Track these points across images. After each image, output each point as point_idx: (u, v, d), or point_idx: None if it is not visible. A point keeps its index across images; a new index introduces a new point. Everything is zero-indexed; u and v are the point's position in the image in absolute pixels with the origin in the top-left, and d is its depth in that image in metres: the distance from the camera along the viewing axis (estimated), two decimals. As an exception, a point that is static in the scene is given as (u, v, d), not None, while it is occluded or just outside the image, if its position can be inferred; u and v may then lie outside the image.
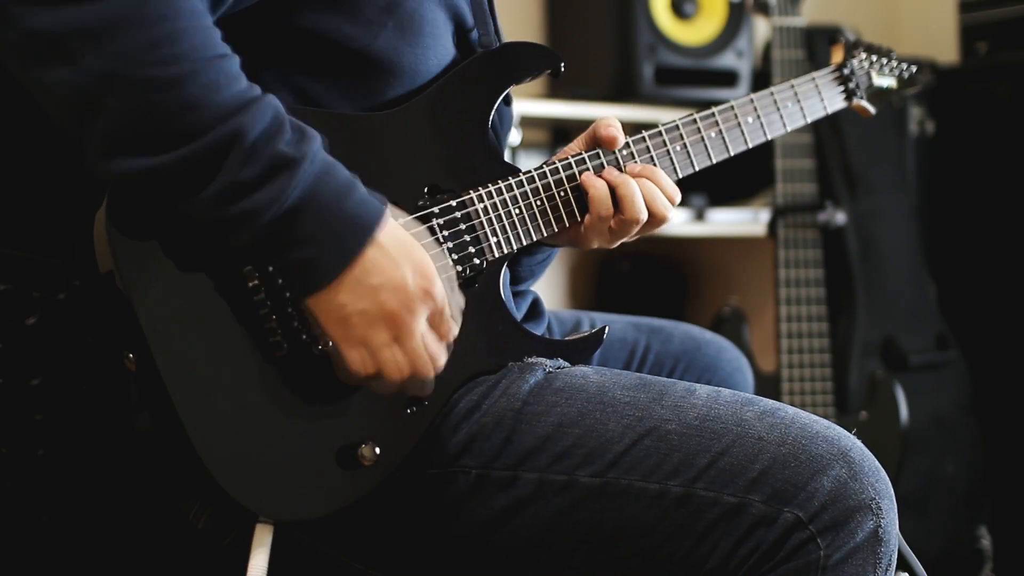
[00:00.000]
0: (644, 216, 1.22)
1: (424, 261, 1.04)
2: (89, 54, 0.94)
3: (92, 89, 0.95)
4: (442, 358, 1.07)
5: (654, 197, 1.23)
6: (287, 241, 1.00)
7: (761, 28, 2.76)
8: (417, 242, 1.06)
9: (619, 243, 1.27)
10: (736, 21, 2.59)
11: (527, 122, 2.53)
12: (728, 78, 2.60)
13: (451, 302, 1.08)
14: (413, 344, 1.04)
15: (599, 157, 1.26)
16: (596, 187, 1.22)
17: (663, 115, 2.54)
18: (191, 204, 0.99)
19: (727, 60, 2.59)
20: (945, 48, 2.99)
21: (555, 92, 2.58)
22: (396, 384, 1.05)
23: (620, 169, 1.25)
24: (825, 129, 2.57)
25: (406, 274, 1.03)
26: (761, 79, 2.64)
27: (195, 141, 0.96)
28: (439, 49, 1.19)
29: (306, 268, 1.01)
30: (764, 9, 2.44)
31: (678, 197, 1.26)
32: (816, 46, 2.52)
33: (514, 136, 2.28)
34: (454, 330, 1.09)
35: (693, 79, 2.57)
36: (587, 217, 1.23)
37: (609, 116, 1.27)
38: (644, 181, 1.23)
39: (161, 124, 0.96)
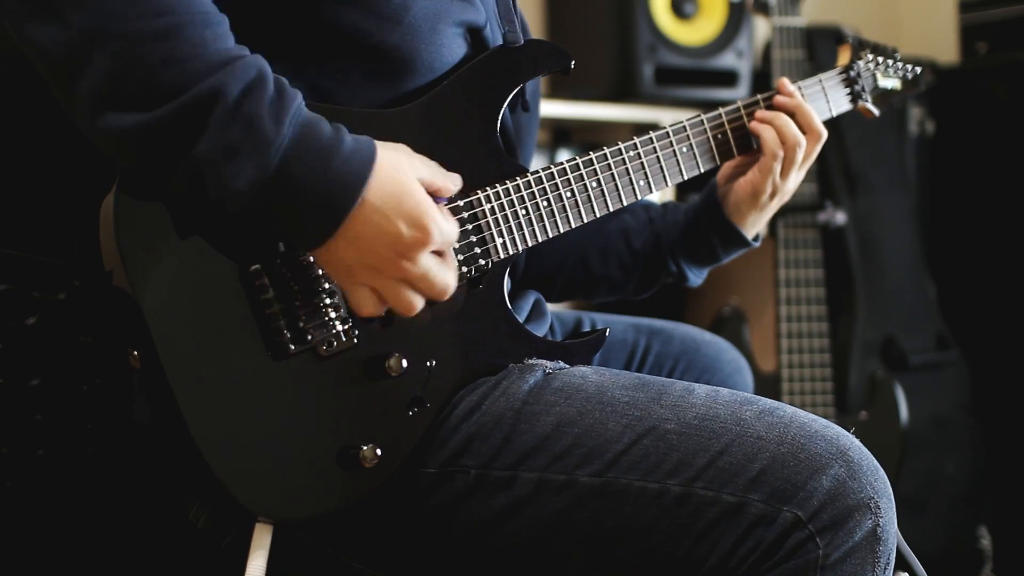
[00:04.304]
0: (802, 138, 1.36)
1: (416, 209, 1.04)
2: (74, 10, 0.94)
3: (79, 45, 0.95)
4: (452, 283, 1.08)
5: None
6: (276, 209, 1.00)
7: (761, 28, 2.76)
8: (409, 185, 1.05)
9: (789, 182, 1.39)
10: (736, 21, 2.59)
11: (527, 122, 2.52)
12: (728, 78, 2.59)
13: (446, 231, 1.07)
14: (418, 281, 1.05)
15: (606, 159, 1.25)
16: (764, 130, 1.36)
17: (663, 115, 2.54)
18: (184, 164, 0.98)
19: (727, 60, 2.59)
20: (945, 48, 2.99)
21: (555, 92, 2.58)
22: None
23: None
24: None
25: (399, 226, 1.03)
26: (761, 79, 2.64)
27: (178, 97, 0.96)
28: (453, 47, 1.19)
29: (298, 232, 1.02)
30: (764, 9, 2.44)
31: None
32: (816, 46, 2.52)
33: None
34: (453, 260, 1.10)
35: (693, 79, 2.57)
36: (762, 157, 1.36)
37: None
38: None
39: (145, 79, 0.96)
